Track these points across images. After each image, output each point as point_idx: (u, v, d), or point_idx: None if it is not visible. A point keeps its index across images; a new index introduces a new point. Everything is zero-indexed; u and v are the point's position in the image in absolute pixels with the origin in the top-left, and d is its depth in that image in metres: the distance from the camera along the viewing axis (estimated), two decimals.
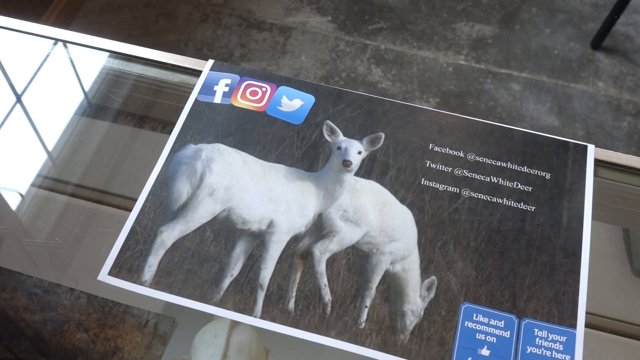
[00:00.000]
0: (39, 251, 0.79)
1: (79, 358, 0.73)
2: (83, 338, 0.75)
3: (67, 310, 0.77)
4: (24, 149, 0.74)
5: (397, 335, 0.49)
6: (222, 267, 0.51)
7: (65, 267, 0.74)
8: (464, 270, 0.52)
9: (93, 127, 0.67)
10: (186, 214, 0.53)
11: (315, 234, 0.53)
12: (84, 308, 0.77)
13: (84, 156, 0.70)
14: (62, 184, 0.75)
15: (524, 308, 0.50)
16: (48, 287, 0.78)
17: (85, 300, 0.78)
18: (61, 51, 0.69)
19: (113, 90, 0.65)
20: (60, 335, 0.75)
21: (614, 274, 0.81)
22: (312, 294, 0.50)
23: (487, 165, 0.57)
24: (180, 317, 0.77)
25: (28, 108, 0.72)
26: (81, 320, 0.76)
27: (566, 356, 0.48)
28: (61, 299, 0.77)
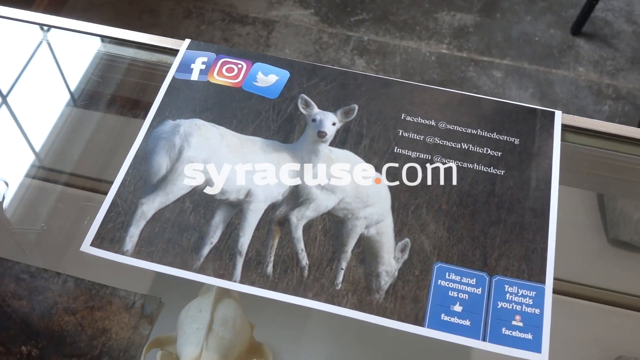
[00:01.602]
0: (25, 237, 0.80)
1: (67, 340, 0.75)
2: (71, 320, 0.76)
3: (54, 294, 0.78)
4: (3, 135, 0.75)
5: (373, 295, 0.50)
6: (201, 235, 0.53)
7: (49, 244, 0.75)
8: (436, 232, 0.53)
9: (74, 109, 0.68)
10: (166, 186, 0.55)
11: (292, 202, 0.54)
12: (71, 291, 0.78)
13: (65, 138, 0.71)
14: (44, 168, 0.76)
15: (494, 266, 0.52)
16: (35, 272, 0.79)
17: (72, 283, 0.79)
18: (39, 34, 0.71)
19: (93, 71, 0.66)
20: (49, 318, 0.76)
21: (590, 243, 0.83)
22: (290, 259, 0.52)
23: (458, 133, 0.59)
24: (167, 297, 0.78)
25: (3, 91, 0.73)
26: (69, 303, 0.77)
27: (535, 310, 0.50)
28: (48, 284, 0.78)
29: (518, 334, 0.49)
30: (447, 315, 0.50)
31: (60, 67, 0.70)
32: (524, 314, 0.50)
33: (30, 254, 0.79)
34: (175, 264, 0.51)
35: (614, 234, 0.82)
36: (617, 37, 1.83)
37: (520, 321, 0.49)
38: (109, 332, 0.76)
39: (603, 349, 0.75)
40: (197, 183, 0.55)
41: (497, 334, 0.49)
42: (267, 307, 0.78)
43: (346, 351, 0.75)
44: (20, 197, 0.78)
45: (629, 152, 0.60)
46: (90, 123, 0.67)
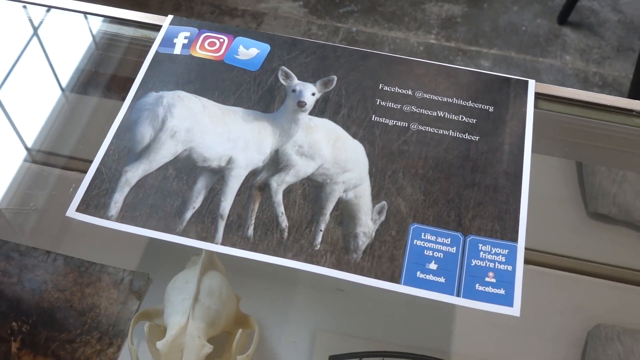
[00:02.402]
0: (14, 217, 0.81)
1: (57, 315, 0.76)
2: (60, 297, 0.77)
3: (44, 272, 0.80)
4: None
5: (350, 255, 0.52)
6: (184, 200, 0.54)
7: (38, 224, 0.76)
8: (412, 195, 0.55)
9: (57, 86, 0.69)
10: (149, 154, 0.56)
11: (272, 168, 0.56)
12: (61, 269, 0.80)
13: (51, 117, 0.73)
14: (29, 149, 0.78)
15: (469, 226, 0.53)
16: (25, 250, 0.80)
17: (61, 261, 0.80)
18: (21, 11, 0.72)
19: (79, 47, 0.67)
20: (39, 295, 0.77)
21: (570, 216, 0.85)
22: (270, 221, 0.53)
23: (434, 102, 0.60)
24: (155, 273, 0.79)
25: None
26: (58, 281, 0.78)
27: (508, 267, 0.51)
28: (38, 262, 0.80)
29: (491, 289, 0.50)
30: (422, 273, 0.51)
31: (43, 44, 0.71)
32: (496, 271, 0.51)
33: (20, 233, 0.81)
34: (158, 228, 0.53)
35: (593, 207, 0.84)
36: (603, 26, 1.86)
37: (493, 277, 0.51)
38: (98, 308, 0.77)
39: (582, 317, 0.76)
40: (179, 151, 0.56)
41: (470, 290, 0.51)
42: (253, 281, 0.79)
43: (331, 324, 0.76)
44: (6, 178, 0.79)
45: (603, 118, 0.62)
46: (75, 100, 0.68)
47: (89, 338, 0.75)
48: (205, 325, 0.65)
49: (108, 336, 0.75)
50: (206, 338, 0.65)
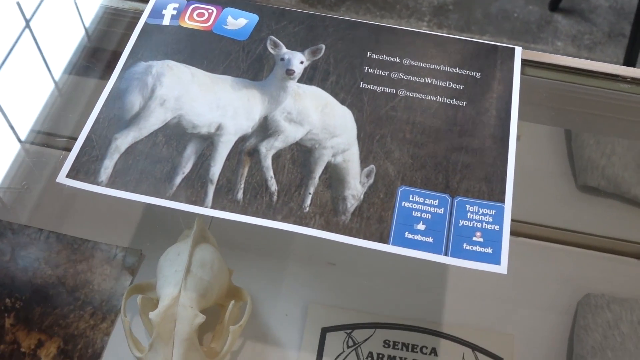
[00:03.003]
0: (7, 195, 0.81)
1: (50, 292, 0.76)
2: (54, 274, 0.78)
3: (37, 249, 0.80)
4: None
5: (339, 217, 0.52)
6: (173, 166, 0.55)
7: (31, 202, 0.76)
8: (400, 158, 0.55)
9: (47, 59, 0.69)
10: (139, 122, 0.56)
11: (261, 134, 0.56)
12: (54, 246, 0.80)
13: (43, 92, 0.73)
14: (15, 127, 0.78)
15: (456, 188, 0.54)
16: (17, 228, 0.81)
17: (54, 239, 0.80)
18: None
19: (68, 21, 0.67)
20: (32, 272, 0.78)
21: (560, 189, 0.85)
22: (259, 185, 0.54)
23: (422, 69, 0.61)
24: (147, 250, 0.80)
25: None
26: (51, 258, 0.79)
27: (495, 226, 0.52)
28: (31, 239, 0.80)
29: (478, 248, 0.51)
30: (410, 234, 0.52)
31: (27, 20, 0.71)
32: (484, 231, 0.52)
33: (13, 211, 0.81)
34: (148, 193, 0.53)
35: (582, 180, 0.85)
36: (594, 12, 1.87)
37: (481, 237, 0.52)
38: (91, 284, 0.77)
39: (572, 288, 0.77)
40: (169, 119, 0.57)
41: (458, 249, 0.51)
42: (246, 255, 0.80)
43: (323, 297, 0.77)
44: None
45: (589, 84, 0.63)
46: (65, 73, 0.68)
47: (82, 313, 0.75)
48: (197, 295, 0.66)
49: (101, 311, 0.76)
50: (199, 308, 0.65)
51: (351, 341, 0.74)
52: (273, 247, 0.80)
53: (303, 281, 0.78)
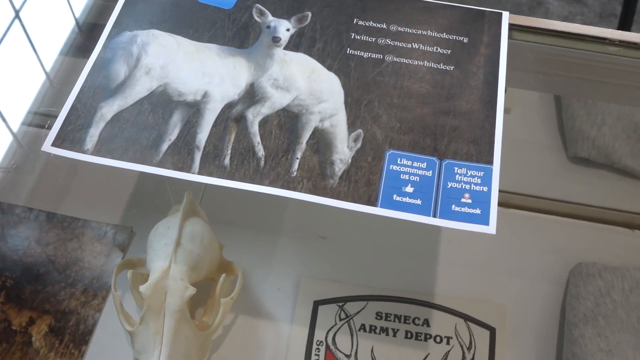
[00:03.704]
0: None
1: (41, 270, 0.76)
2: (44, 252, 0.77)
3: (27, 228, 0.79)
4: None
5: (327, 180, 0.52)
6: (160, 133, 0.54)
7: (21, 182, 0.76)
8: (388, 123, 0.55)
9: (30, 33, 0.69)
10: (124, 90, 0.56)
11: (248, 101, 0.56)
12: (44, 225, 0.79)
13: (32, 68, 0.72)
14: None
15: (444, 151, 0.54)
16: (7, 208, 0.80)
17: (44, 217, 0.80)
18: None
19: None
20: (22, 251, 0.77)
21: (550, 160, 0.85)
22: (246, 151, 0.54)
23: (409, 34, 0.60)
24: (138, 227, 0.79)
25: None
26: (41, 236, 0.78)
27: (483, 187, 0.52)
28: (20, 219, 0.80)
29: (467, 209, 0.51)
30: (399, 196, 0.51)
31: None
32: (472, 192, 0.52)
33: (2, 191, 0.80)
34: (134, 160, 0.53)
35: (573, 150, 0.85)
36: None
37: (469, 198, 0.51)
38: (81, 262, 0.77)
39: (564, 258, 0.77)
40: (154, 87, 0.56)
41: (447, 211, 0.51)
42: (237, 230, 0.79)
43: (315, 271, 0.77)
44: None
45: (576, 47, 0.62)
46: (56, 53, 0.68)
47: (73, 291, 0.75)
48: (187, 268, 0.65)
49: (92, 288, 0.75)
50: (189, 281, 0.65)
51: (343, 314, 0.74)
52: (264, 221, 0.80)
53: (295, 255, 0.78)
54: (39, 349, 0.71)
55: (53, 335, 0.72)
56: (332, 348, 0.72)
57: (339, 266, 0.77)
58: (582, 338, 0.69)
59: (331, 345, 0.72)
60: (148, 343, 0.63)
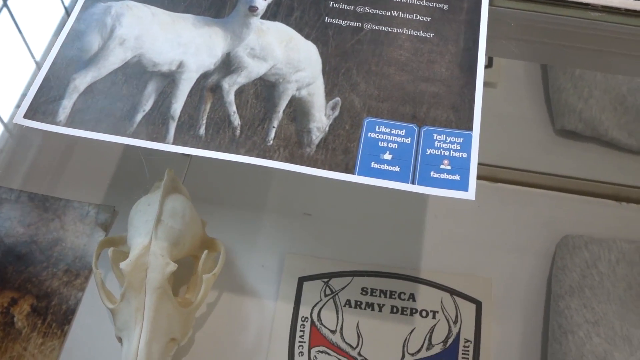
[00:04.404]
0: None
1: (23, 250, 0.75)
2: (25, 232, 0.76)
3: (8, 209, 0.78)
4: None
5: (304, 149, 0.51)
6: (134, 104, 0.53)
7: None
8: (366, 90, 0.54)
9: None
10: (98, 61, 0.55)
11: (224, 71, 0.55)
12: (26, 205, 0.79)
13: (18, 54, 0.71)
14: None
15: (423, 118, 0.53)
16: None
17: (26, 198, 0.79)
18: None
19: None
20: (3, 232, 0.76)
21: (538, 134, 0.85)
22: (222, 121, 0.53)
23: (388, 2, 0.60)
24: (120, 206, 0.79)
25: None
26: (23, 217, 0.78)
27: (463, 154, 0.51)
28: (1, 199, 0.79)
29: (446, 176, 0.50)
30: (376, 163, 0.51)
31: None
32: (451, 158, 0.51)
33: None
34: (108, 131, 0.52)
35: (559, 124, 0.84)
36: None
37: (449, 165, 0.51)
38: (63, 241, 0.76)
39: (551, 230, 0.77)
40: (129, 58, 0.55)
41: (425, 177, 0.50)
42: (221, 208, 0.79)
43: (300, 247, 0.76)
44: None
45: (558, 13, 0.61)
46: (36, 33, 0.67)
47: (55, 271, 0.74)
48: (168, 244, 0.65)
49: (75, 268, 0.74)
50: (170, 257, 0.64)
51: (328, 290, 0.73)
52: (249, 199, 0.79)
53: (279, 232, 0.77)
54: (22, 329, 0.70)
55: (35, 315, 0.71)
56: (317, 324, 0.71)
57: (324, 242, 0.77)
58: (568, 309, 0.68)
59: (316, 321, 0.71)
60: (129, 320, 0.62)
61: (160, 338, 0.62)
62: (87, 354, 0.69)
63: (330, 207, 0.79)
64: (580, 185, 0.79)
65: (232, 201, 0.79)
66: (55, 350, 0.69)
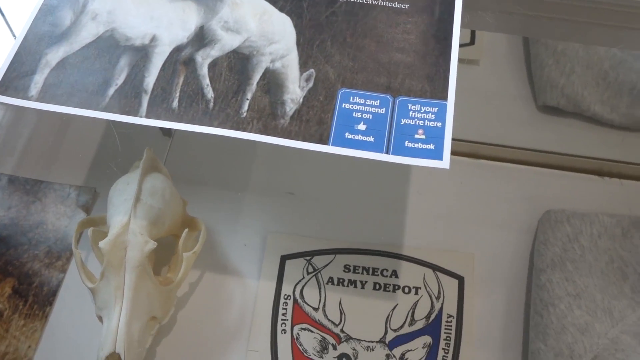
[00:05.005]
0: None
1: (3, 233, 0.75)
2: (6, 215, 0.76)
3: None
4: None
5: (278, 120, 0.51)
6: (106, 78, 0.53)
7: None
8: (341, 62, 0.54)
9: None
10: (70, 36, 0.55)
11: (197, 44, 0.55)
12: (6, 188, 0.78)
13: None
14: None
15: (398, 88, 0.53)
16: None
17: (5, 181, 0.79)
18: None
19: None
20: None
21: (520, 110, 0.85)
22: (195, 94, 0.52)
23: None
24: (102, 187, 0.78)
25: None
26: (3, 200, 0.77)
27: (437, 123, 0.51)
28: None
29: (420, 145, 0.50)
30: (351, 134, 0.50)
31: None
32: (426, 128, 0.51)
33: None
34: (80, 105, 0.51)
35: (542, 99, 0.84)
36: None
37: (423, 134, 0.50)
38: (45, 224, 0.76)
39: (534, 206, 0.77)
40: (101, 32, 0.55)
41: (400, 147, 0.50)
42: (203, 188, 0.78)
43: (282, 226, 0.76)
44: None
45: None
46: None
47: (36, 253, 0.74)
48: (147, 223, 0.65)
49: (56, 250, 0.74)
50: (150, 236, 0.64)
51: (311, 267, 0.73)
52: (231, 178, 0.79)
53: (262, 211, 0.77)
54: (3, 310, 0.70)
55: (17, 297, 0.71)
56: (300, 301, 0.71)
57: (307, 221, 0.76)
58: (550, 283, 0.69)
59: (299, 298, 0.71)
60: (109, 299, 0.62)
61: (140, 316, 0.62)
62: (69, 334, 0.69)
63: (312, 186, 0.79)
64: (562, 161, 0.79)
65: (214, 181, 0.79)
66: (37, 332, 0.69)
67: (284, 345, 0.68)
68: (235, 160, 0.80)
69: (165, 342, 0.69)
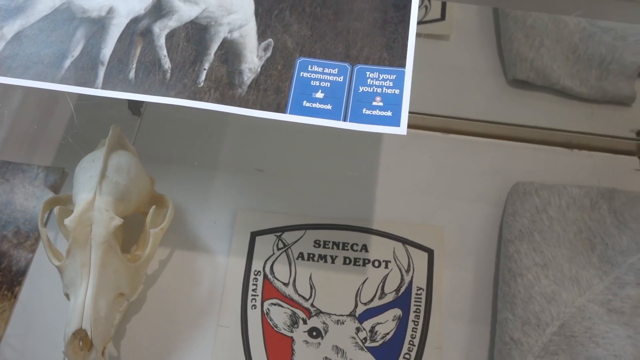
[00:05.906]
0: None
1: None
2: None
3: None
4: None
5: (235, 90, 0.51)
6: (62, 50, 0.52)
7: None
8: (299, 31, 0.54)
9: None
10: (25, 9, 0.54)
11: (155, 15, 0.54)
12: None
13: None
14: None
15: (356, 56, 0.53)
16: None
17: None
18: None
19: None
20: None
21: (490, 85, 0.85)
22: (152, 65, 0.52)
23: None
24: (71, 167, 0.78)
25: None
26: None
27: (395, 90, 0.51)
28: None
29: (378, 112, 0.50)
30: (308, 102, 0.50)
31: None
32: (384, 95, 0.51)
33: None
34: (37, 77, 0.51)
35: (512, 73, 0.84)
36: None
37: (381, 101, 0.50)
38: (12, 204, 0.75)
39: (503, 179, 0.77)
40: (57, 5, 0.54)
41: (357, 114, 0.50)
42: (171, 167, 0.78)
43: (252, 203, 0.76)
44: None
45: None
46: None
47: (5, 233, 0.73)
48: (113, 199, 0.64)
49: (24, 230, 0.74)
50: (116, 213, 0.64)
51: (281, 243, 0.73)
52: (201, 156, 0.79)
53: (231, 189, 0.77)
54: None
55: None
56: (270, 277, 0.71)
57: (276, 197, 0.76)
58: (518, 253, 0.69)
59: (269, 274, 0.71)
60: (76, 276, 0.62)
61: (107, 292, 0.62)
62: (38, 314, 0.69)
63: (282, 162, 0.78)
64: (532, 134, 0.79)
65: (184, 159, 0.79)
66: (5, 312, 0.69)
67: (254, 320, 0.68)
68: (205, 138, 0.80)
69: (135, 320, 0.69)
